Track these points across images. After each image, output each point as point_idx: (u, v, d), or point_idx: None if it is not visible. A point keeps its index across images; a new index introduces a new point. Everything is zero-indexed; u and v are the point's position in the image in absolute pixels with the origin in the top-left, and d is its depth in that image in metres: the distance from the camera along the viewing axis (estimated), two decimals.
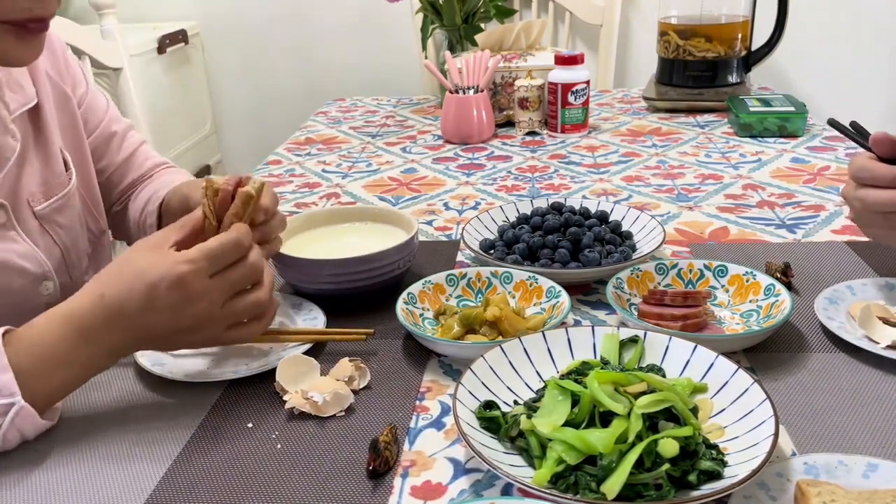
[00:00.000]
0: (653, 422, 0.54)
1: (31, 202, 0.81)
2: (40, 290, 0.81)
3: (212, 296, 0.62)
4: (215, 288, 0.62)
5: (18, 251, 0.78)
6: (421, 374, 0.70)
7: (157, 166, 1.01)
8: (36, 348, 0.59)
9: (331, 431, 0.63)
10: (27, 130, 0.82)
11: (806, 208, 1.04)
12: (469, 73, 1.41)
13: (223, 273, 0.63)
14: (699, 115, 1.55)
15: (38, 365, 0.59)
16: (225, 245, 0.63)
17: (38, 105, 0.83)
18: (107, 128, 0.96)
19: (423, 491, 0.56)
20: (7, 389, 0.57)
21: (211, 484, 0.57)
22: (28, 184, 0.81)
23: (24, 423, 0.59)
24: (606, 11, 2.07)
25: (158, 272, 0.60)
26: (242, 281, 0.65)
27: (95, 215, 0.92)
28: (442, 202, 1.14)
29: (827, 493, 0.49)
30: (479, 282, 0.81)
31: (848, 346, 0.70)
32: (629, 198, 1.12)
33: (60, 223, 0.85)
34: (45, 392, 0.60)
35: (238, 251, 0.64)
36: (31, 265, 0.79)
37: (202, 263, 0.61)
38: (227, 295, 0.63)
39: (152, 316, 0.60)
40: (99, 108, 0.95)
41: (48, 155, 0.84)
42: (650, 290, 0.77)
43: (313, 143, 1.50)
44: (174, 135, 2.22)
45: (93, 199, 0.92)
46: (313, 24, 2.35)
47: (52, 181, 0.84)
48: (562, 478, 0.52)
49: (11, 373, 0.57)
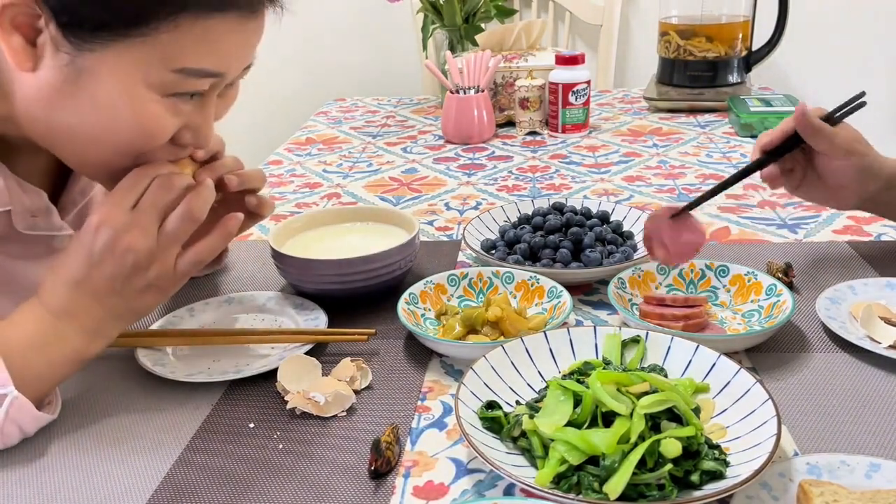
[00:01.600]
0: (655, 422, 0.54)
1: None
2: None
3: (140, 223, 0.61)
4: (139, 214, 0.61)
5: None
6: (422, 375, 0.70)
7: None
8: (16, 338, 0.60)
9: (332, 432, 0.62)
10: None
11: (807, 208, 1.04)
12: (470, 73, 1.41)
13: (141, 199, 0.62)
14: (700, 115, 1.55)
15: (22, 354, 0.59)
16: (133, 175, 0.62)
17: None
18: None
19: (425, 491, 0.56)
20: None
21: (213, 484, 0.57)
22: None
23: (22, 415, 0.59)
24: (606, 11, 2.07)
25: (87, 227, 0.61)
26: (163, 197, 0.62)
27: None
28: (443, 202, 1.14)
29: (829, 493, 0.49)
30: (480, 282, 0.81)
31: (850, 346, 0.70)
32: (630, 198, 1.12)
33: None
34: (35, 381, 0.60)
35: (147, 174, 0.62)
36: None
37: (115, 196, 0.61)
38: (155, 219, 0.62)
39: (99, 265, 0.60)
40: None
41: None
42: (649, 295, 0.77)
43: (314, 143, 1.50)
44: None
45: None
46: (313, 24, 2.35)
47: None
48: (564, 478, 0.52)
49: (2, 363, 0.57)
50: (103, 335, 0.63)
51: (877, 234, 0.95)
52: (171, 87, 0.59)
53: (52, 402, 0.64)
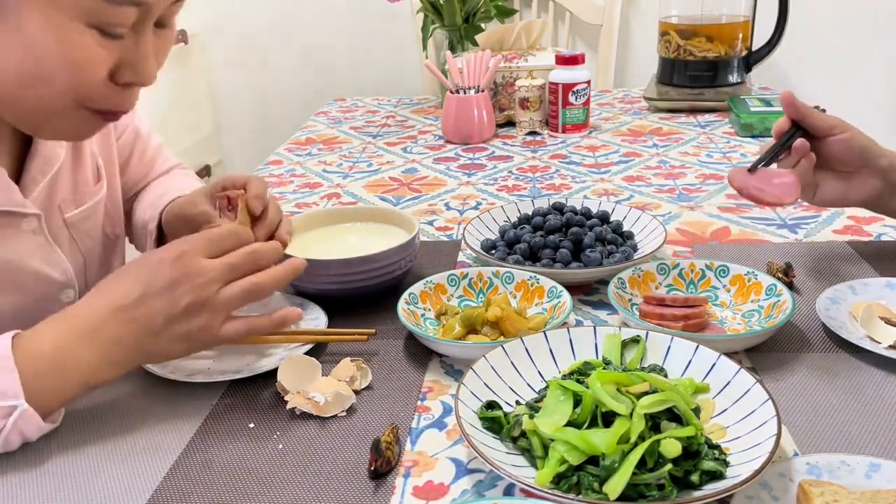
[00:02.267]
0: (655, 422, 0.54)
1: (63, 208, 0.80)
2: (62, 297, 0.80)
3: (208, 275, 0.61)
4: (212, 268, 0.62)
5: (47, 258, 0.77)
6: (422, 375, 0.70)
7: (170, 169, 1.01)
8: (36, 351, 0.59)
9: (332, 432, 0.62)
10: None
11: (807, 208, 1.04)
12: (470, 73, 1.41)
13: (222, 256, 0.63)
14: (700, 114, 1.55)
15: (39, 368, 0.58)
16: (223, 231, 0.64)
17: None
18: (133, 132, 0.96)
19: (424, 491, 0.56)
20: (11, 391, 0.57)
21: (212, 484, 0.57)
22: (61, 190, 0.80)
23: (27, 425, 0.59)
24: (606, 11, 2.07)
25: (158, 254, 0.62)
26: (244, 263, 0.64)
27: (114, 221, 0.91)
28: (443, 202, 1.14)
29: (829, 493, 0.49)
30: (480, 282, 0.81)
31: (850, 347, 0.70)
32: (630, 198, 1.12)
33: (88, 231, 0.84)
34: (45, 396, 0.59)
35: (236, 238, 0.64)
36: (56, 273, 0.78)
37: (200, 243, 0.62)
38: (224, 277, 0.62)
39: (150, 300, 0.60)
40: None
41: (81, 161, 0.83)
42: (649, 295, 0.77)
43: (314, 143, 1.50)
44: (174, 135, 2.22)
45: (114, 204, 0.91)
46: (313, 23, 2.35)
47: (83, 188, 0.83)
48: (564, 478, 0.52)
49: (17, 374, 0.57)
50: (120, 366, 0.62)
51: (877, 234, 0.95)
52: (93, 15, 0.58)
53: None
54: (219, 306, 0.62)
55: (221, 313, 0.63)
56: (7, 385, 0.57)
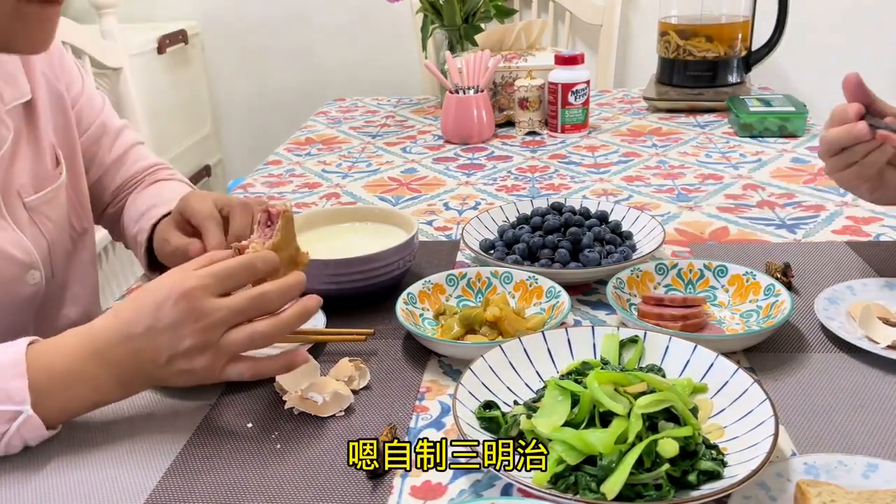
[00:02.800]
0: (653, 422, 0.54)
1: (22, 193, 0.82)
2: (27, 278, 0.81)
3: (214, 316, 0.59)
4: (220, 309, 0.59)
5: (8, 239, 0.79)
6: (421, 375, 0.70)
7: (148, 168, 1.00)
8: (49, 363, 0.59)
9: (330, 431, 0.63)
10: (20, 123, 0.83)
11: (806, 208, 1.04)
12: (469, 73, 1.41)
13: (232, 295, 0.61)
14: (699, 115, 1.55)
15: (49, 380, 0.59)
16: (235, 265, 0.61)
17: (31, 101, 0.84)
18: (100, 127, 0.96)
19: (422, 491, 0.56)
20: (19, 396, 0.57)
21: (210, 484, 0.57)
22: (19, 175, 0.81)
23: (30, 432, 0.59)
24: (606, 11, 2.07)
25: (167, 287, 0.59)
26: (249, 307, 0.61)
27: (80, 214, 0.92)
28: (442, 202, 1.14)
29: (827, 493, 0.49)
30: (478, 282, 0.81)
31: (848, 347, 0.70)
32: (629, 198, 1.12)
33: (49, 216, 0.85)
34: (52, 408, 0.59)
35: (249, 274, 0.62)
36: (19, 253, 0.80)
37: (209, 280, 0.60)
38: (231, 320, 0.60)
39: (156, 335, 0.59)
40: (93, 107, 0.96)
41: (39, 150, 0.85)
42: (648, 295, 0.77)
43: (313, 143, 1.50)
44: (174, 135, 2.22)
45: (80, 198, 0.92)
46: (313, 23, 2.35)
47: (42, 175, 0.84)
48: (561, 478, 0.52)
49: (26, 381, 0.57)
50: (128, 388, 0.62)
51: (876, 234, 0.95)
52: None
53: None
54: (222, 350, 0.60)
55: (223, 357, 0.61)
56: (15, 390, 0.57)
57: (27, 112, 0.84)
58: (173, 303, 0.59)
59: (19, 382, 0.57)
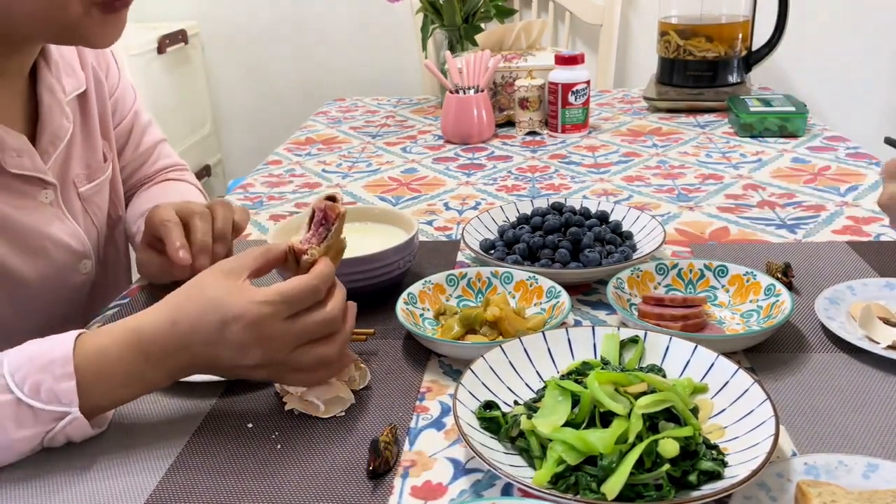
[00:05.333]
0: (653, 422, 0.54)
1: (77, 183, 0.85)
2: (79, 267, 0.84)
3: (282, 340, 0.59)
4: (287, 332, 0.59)
5: (65, 229, 0.82)
6: (421, 375, 0.70)
7: (164, 169, 1.01)
8: (98, 359, 0.58)
9: (331, 432, 0.62)
10: (76, 114, 0.85)
11: (806, 208, 1.04)
12: (469, 73, 1.41)
13: (298, 318, 0.60)
14: (699, 115, 1.55)
15: (97, 376, 0.58)
16: (304, 290, 0.60)
17: (86, 91, 0.86)
18: (131, 121, 0.99)
19: (423, 491, 0.56)
20: (67, 397, 0.57)
21: (211, 484, 0.57)
22: (75, 166, 0.84)
23: (75, 431, 0.59)
24: (606, 11, 2.07)
25: (235, 310, 0.58)
26: (316, 330, 0.61)
27: (115, 201, 0.95)
28: (442, 202, 1.14)
29: (827, 493, 0.49)
30: (479, 282, 0.81)
31: (848, 347, 0.70)
32: (629, 198, 1.12)
33: (99, 205, 0.89)
34: (97, 403, 0.59)
35: (315, 297, 0.61)
36: (74, 242, 0.83)
37: (279, 307, 0.59)
38: (297, 342, 0.60)
39: (219, 350, 0.59)
40: (127, 99, 0.98)
41: (92, 140, 0.87)
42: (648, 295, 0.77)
43: (313, 143, 1.50)
44: (174, 135, 2.22)
45: (115, 185, 0.95)
46: (313, 23, 2.35)
47: (94, 165, 0.88)
48: (562, 478, 0.52)
49: (75, 382, 0.57)
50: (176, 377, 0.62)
51: (876, 234, 0.95)
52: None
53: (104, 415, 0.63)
54: (285, 364, 0.61)
55: (286, 372, 0.62)
56: (64, 392, 0.57)
57: (82, 102, 0.86)
58: (243, 327, 0.58)
59: (68, 384, 0.57)
